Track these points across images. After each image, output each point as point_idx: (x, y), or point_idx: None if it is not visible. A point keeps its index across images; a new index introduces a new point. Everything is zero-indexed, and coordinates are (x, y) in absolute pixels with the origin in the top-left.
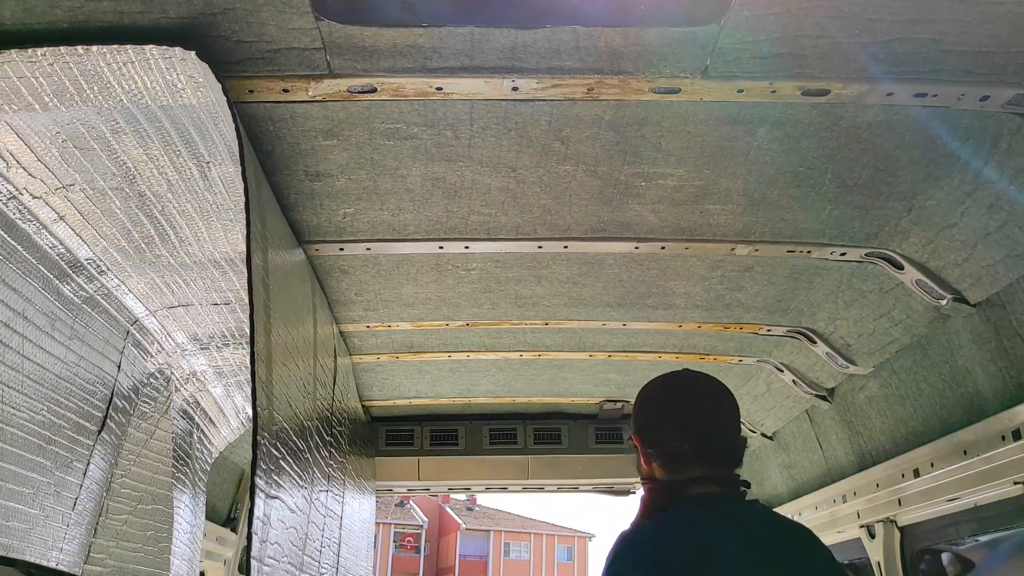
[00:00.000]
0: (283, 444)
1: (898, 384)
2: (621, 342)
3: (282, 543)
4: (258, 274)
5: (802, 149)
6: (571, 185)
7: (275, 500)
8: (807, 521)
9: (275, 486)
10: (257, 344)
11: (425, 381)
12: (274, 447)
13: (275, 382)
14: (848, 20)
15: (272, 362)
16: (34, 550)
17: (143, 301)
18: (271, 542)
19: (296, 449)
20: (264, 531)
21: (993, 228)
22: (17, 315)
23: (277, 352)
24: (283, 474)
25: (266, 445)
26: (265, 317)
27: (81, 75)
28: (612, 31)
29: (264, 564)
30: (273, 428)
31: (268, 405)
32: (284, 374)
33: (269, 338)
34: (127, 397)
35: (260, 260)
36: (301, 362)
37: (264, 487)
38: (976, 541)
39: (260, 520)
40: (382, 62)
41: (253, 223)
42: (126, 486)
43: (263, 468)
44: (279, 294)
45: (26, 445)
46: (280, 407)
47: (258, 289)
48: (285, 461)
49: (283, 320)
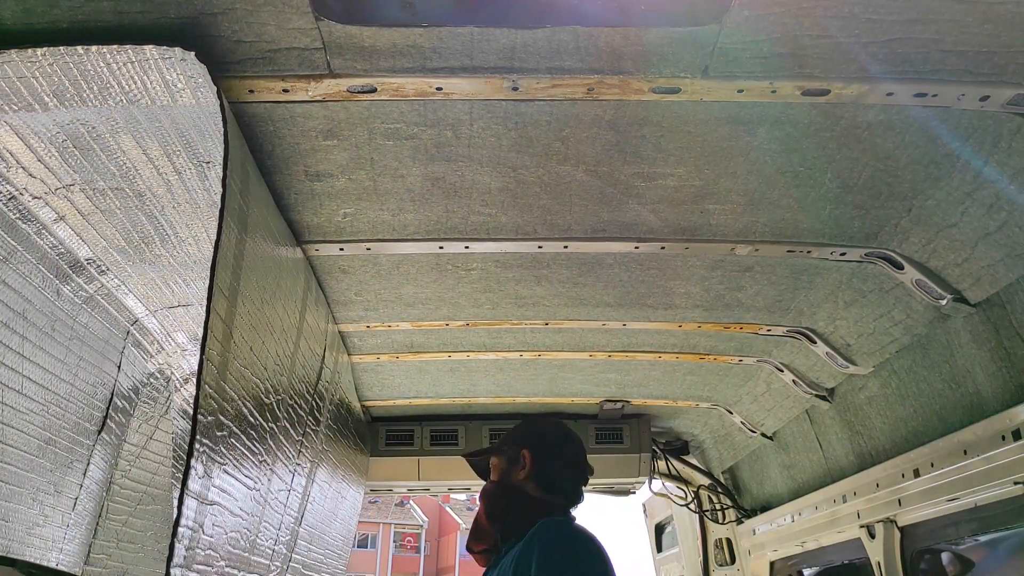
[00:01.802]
0: (234, 421)
1: (898, 384)
2: (621, 342)
3: (217, 548)
4: (226, 258)
5: (802, 149)
6: (571, 185)
7: (213, 506)
8: (807, 521)
9: (219, 459)
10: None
11: (425, 381)
12: (219, 426)
13: (231, 359)
14: (848, 20)
15: (230, 339)
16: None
17: (143, 301)
18: (201, 548)
19: (253, 424)
20: (194, 537)
21: (993, 228)
22: (17, 315)
23: (239, 328)
24: (227, 470)
25: (209, 424)
26: (228, 297)
27: (81, 75)
28: (612, 31)
29: (191, 570)
30: (223, 405)
31: (218, 377)
32: (243, 351)
33: (232, 315)
34: (127, 397)
35: (230, 242)
36: (274, 345)
37: (199, 490)
38: (976, 541)
39: (188, 528)
40: (382, 62)
41: (228, 208)
42: (126, 486)
43: (201, 449)
44: (251, 282)
45: (26, 445)
46: (233, 384)
47: (222, 273)
48: (236, 438)
49: (251, 299)
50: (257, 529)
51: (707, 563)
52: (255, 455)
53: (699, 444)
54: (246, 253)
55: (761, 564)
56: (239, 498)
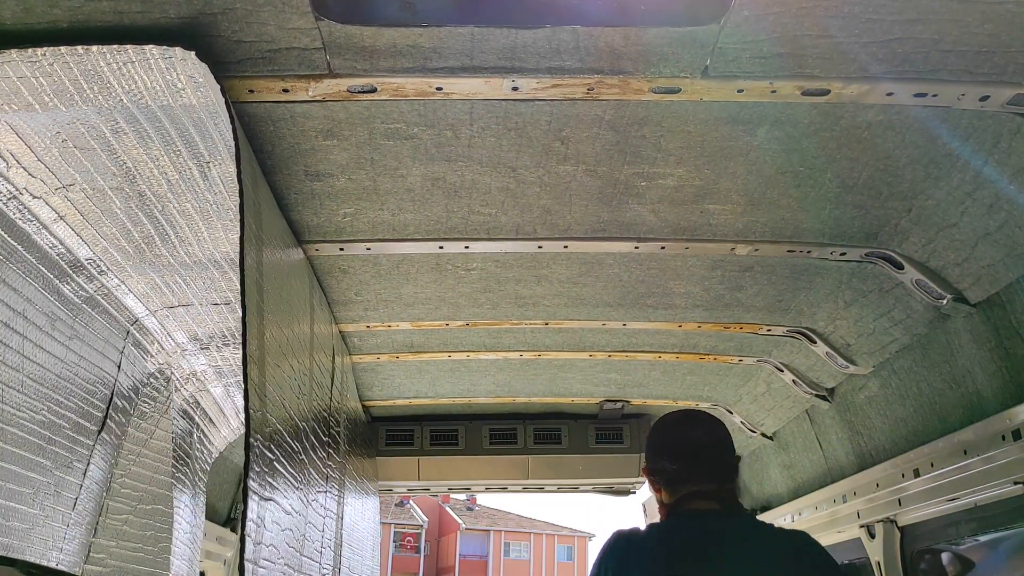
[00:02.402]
0: (277, 446)
1: (898, 384)
2: (621, 342)
3: (277, 545)
4: (251, 275)
5: (802, 149)
6: (571, 185)
7: (269, 502)
8: (807, 521)
9: (269, 488)
10: (249, 346)
11: (425, 381)
12: (268, 449)
13: (268, 383)
14: (848, 20)
15: (265, 363)
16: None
17: (143, 301)
18: (266, 544)
19: (291, 450)
20: (258, 533)
21: (993, 228)
22: (17, 315)
23: (271, 353)
24: (277, 476)
25: (259, 447)
26: (258, 318)
27: (81, 75)
28: (612, 31)
29: (259, 566)
30: (266, 430)
31: (261, 407)
32: (278, 375)
33: (262, 339)
34: (127, 397)
35: (253, 261)
36: (296, 362)
37: (257, 489)
38: (976, 541)
39: (254, 522)
40: (382, 62)
41: (248, 224)
42: (126, 486)
43: (256, 470)
44: (273, 295)
45: (26, 445)
46: (273, 408)
47: (251, 290)
48: (279, 463)
49: (277, 321)
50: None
51: None
52: (298, 480)
53: None
54: (264, 260)
55: None
56: (289, 527)
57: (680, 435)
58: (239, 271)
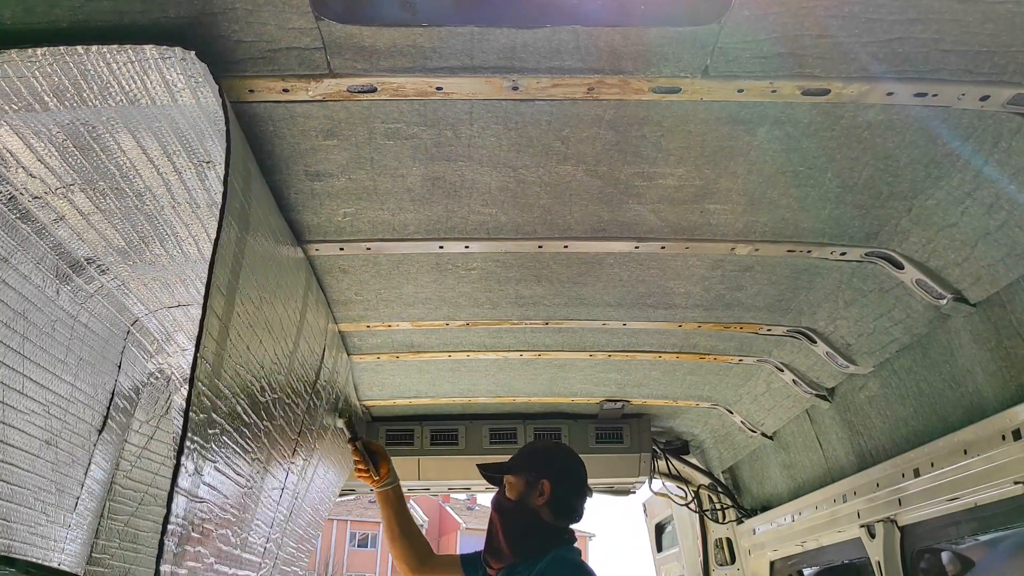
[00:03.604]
0: (225, 418)
1: (898, 384)
2: (621, 342)
3: (212, 505)
4: (226, 256)
5: (802, 149)
6: (571, 185)
7: (208, 462)
8: (807, 521)
9: (211, 452)
10: (212, 306)
11: (425, 381)
12: (210, 424)
13: (227, 354)
14: (848, 19)
15: (227, 337)
16: (36, 550)
17: (143, 301)
18: (191, 544)
19: (245, 423)
20: (193, 485)
21: (993, 228)
22: (17, 315)
23: (236, 326)
24: (223, 440)
25: (203, 405)
26: (226, 297)
27: (81, 75)
28: (612, 31)
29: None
30: (216, 401)
31: (210, 375)
32: (239, 348)
33: (231, 313)
34: (128, 397)
35: (229, 240)
36: (272, 345)
37: (199, 448)
38: (976, 541)
39: (188, 473)
40: (382, 62)
41: (229, 208)
42: (128, 486)
43: (192, 447)
44: (249, 281)
45: (27, 445)
46: (229, 378)
47: (220, 273)
48: (228, 435)
49: (251, 299)
50: (249, 527)
51: (707, 563)
52: (248, 453)
53: (699, 444)
54: (247, 252)
55: (761, 564)
56: (230, 496)
57: (587, 478)
58: (211, 251)
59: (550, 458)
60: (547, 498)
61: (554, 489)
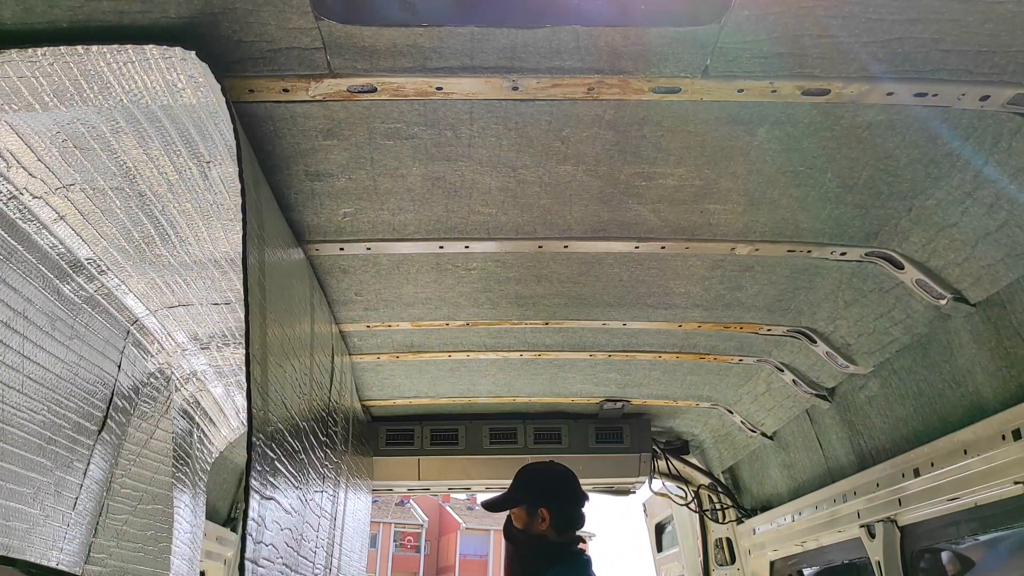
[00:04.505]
0: (278, 445)
1: (898, 384)
2: (621, 342)
3: (276, 544)
4: (254, 275)
5: (802, 149)
6: (571, 185)
7: (270, 501)
8: (807, 520)
9: (270, 487)
10: (252, 345)
11: (425, 381)
12: (269, 448)
13: (270, 383)
14: (848, 19)
15: (267, 363)
16: (34, 550)
17: (143, 301)
18: (265, 543)
19: (291, 450)
20: (259, 532)
21: (993, 228)
22: (17, 315)
23: (273, 352)
24: (278, 475)
25: (261, 446)
26: (260, 318)
27: (81, 75)
28: (612, 31)
29: (259, 566)
30: (268, 429)
31: (263, 406)
32: (279, 374)
33: (265, 339)
34: (127, 397)
35: (256, 260)
36: (297, 362)
37: (259, 488)
38: (976, 541)
39: (255, 521)
40: (382, 62)
41: (250, 224)
42: (126, 486)
43: (258, 469)
44: (275, 294)
45: (26, 445)
46: (275, 408)
47: (253, 290)
48: (280, 462)
49: (278, 320)
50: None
51: (707, 563)
52: (295, 479)
53: (699, 444)
54: (266, 257)
55: (761, 564)
56: (292, 530)
57: (580, 485)
58: (242, 271)
59: (543, 485)
60: (548, 522)
61: (552, 513)
